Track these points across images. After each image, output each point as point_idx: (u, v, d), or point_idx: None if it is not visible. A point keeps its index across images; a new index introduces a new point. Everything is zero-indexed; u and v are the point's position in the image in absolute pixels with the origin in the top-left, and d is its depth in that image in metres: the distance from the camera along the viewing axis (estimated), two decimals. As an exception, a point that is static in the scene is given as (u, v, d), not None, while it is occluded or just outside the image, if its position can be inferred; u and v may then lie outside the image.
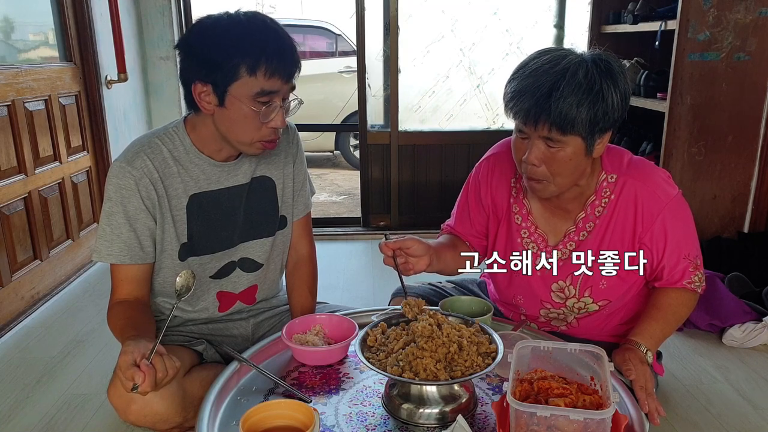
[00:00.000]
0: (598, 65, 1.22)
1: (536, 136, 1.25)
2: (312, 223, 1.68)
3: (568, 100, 1.19)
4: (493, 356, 1.14)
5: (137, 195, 1.34)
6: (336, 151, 6.40)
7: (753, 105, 2.62)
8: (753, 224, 2.74)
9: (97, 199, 3.14)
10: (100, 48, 3.09)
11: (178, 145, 1.39)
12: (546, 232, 1.47)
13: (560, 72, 1.20)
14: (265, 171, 1.51)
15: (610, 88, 1.21)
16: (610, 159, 1.40)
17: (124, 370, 1.08)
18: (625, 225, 1.38)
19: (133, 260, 1.36)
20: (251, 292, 1.56)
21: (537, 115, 1.22)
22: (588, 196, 1.41)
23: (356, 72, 3.53)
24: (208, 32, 1.26)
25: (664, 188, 1.38)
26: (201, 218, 1.42)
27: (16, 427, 1.74)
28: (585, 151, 1.27)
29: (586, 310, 1.47)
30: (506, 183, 1.52)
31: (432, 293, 1.70)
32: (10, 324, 2.37)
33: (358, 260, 3.21)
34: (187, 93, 1.31)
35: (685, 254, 1.39)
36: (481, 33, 3.56)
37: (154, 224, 1.38)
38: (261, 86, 1.25)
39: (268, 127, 1.31)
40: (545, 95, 1.20)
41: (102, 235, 1.35)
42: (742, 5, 2.52)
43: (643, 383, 1.23)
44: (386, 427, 1.13)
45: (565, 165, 1.27)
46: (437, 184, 3.68)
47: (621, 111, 1.25)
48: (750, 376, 1.97)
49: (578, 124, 1.21)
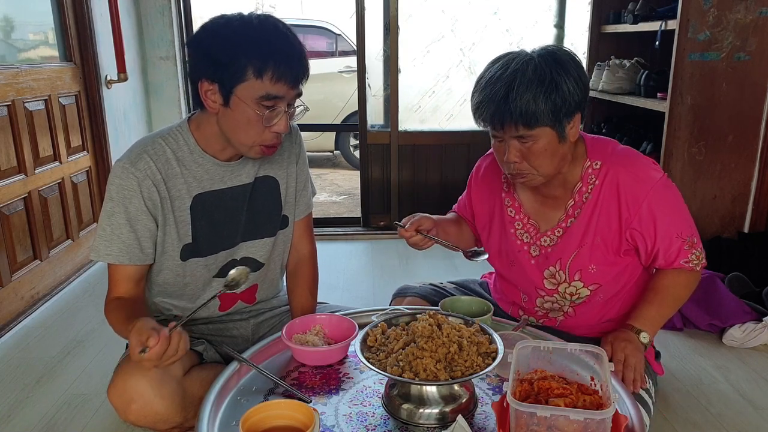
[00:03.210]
0: (544, 58, 1.29)
1: (508, 137, 1.33)
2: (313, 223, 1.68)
3: (525, 97, 1.26)
4: (493, 356, 1.14)
5: (139, 196, 1.34)
6: (336, 151, 6.40)
7: (753, 105, 2.62)
8: (753, 224, 2.73)
9: (96, 199, 3.14)
10: (100, 48, 3.09)
11: (182, 146, 1.39)
12: (538, 221, 1.52)
13: (511, 74, 1.27)
14: (269, 171, 1.51)
15: (562, 76, 1.27)
16: (595, 147, 1.45)
17: (140, 333, 1.10)
18: (611, 209, 1.41)
19: (131, 261, 1.36)
20: (252, 291, 1.57)
21: (501, 119, 1.29)
22: (575, 183, 1.45)
23: (356, 72, 3.54)
24: (220, 31, 1.26)
25: (647, 172, 1.40)
26: (204, 218, 1.42)
27: (16, 427, 1.74)
28: (558, 138, 1.32)
29: (578, 295, 1.49)
30: (498, 179, 1.59)
31: (433, 293, 1.71)
32: (10, 324, 2.37)
33: (358, 260, 3.21)
34: (193, 90, 1.32)
35: (677, 233, 1.41)
36: (481, 33, 3.57)
37: (155, 226, 1.38)
38: (266, 90, 1.25)
39: (270, 132, 1.31)
40: (503, 99, 1.27)
41: (102, 234, 1.35)
42: (742, 5, 2.51)
43: (620, 358, 1.31)
44: (386, 427, 1.13)
45: (542, 156, 1.33)
46: (437, 184, 3.68)
47: (580, 94, 1.31)
48: (750, 376, 1.97)
49: (541, 116, 1.27)
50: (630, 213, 1.39)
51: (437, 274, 2.82)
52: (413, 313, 1.31)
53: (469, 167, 1.73)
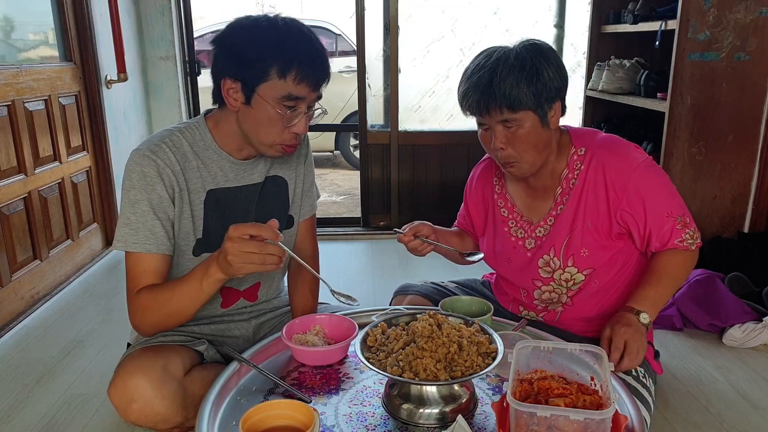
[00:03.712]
0: (526, 48, 1.36)
1: (494, 122, 1.38)
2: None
3: (508, 81, 1.32)
4: (493, 356, 1.14)
5: (161, 184, 1.33)
6: (336, 151, 6.40)
7: (753, 105, 2.62)
8: (753, 224, 2.73)
9: (96, 200, 3.15)
10: (100, 48, 3.09)
11: (198, 140, 1.40)
12: (530, 216, 1.55)
13: (494, 62, 1.35)
14: (278, 170, 1.53)
15: (543, 63, 1.34)
16: (579, 136, 1.50)
17: (260, 228, 1.17)
18: (598, 193, 1.44)
19: (158, 249, 1.34)
20: (254, 289, 1.57)
21: (487, 104, 1.35)
22: (561, 171, 1.48)
23: (356, 72, 3.54)
24: (245, 31, 1.28)
25: (631, 155, 1.44)
26: (216, 214, 1.43)
27: (16, 427, 1.74)
28: (540, 123, 1.38)
29: (573, 281, 1.50)
30: (490, 183, 1.64)
31: (434, 292, 1.72)
32: (10, 324, 2.38)
33: (358, 260, 3.21)
34: (215, 88, 1.33)
35: (668, 213, 1.43)
36: (481, 33, 3.57)
37: (173, 216, 1.37)
38: (289, 90, 1.27)
39: (290, 132, 1.33)
40: (487, 85, 1.34)
41: (127, 223, 1.33)
42: (742, 5, 2.52)
43: (620, 345, 1.31)
44: (386, 427, 1.13)
45: (527, 141, 1.38)
46: (437, 184, 3.68)
47: (559, 80, 1.37)
48: (750, 376, 1.97)
49: (524, 99, 1.33)
50: (617, 195, 1.42)
51: (437, 275, 2.81)
52: (413, 313, 1.31)
53: (469, 167, 1.75)
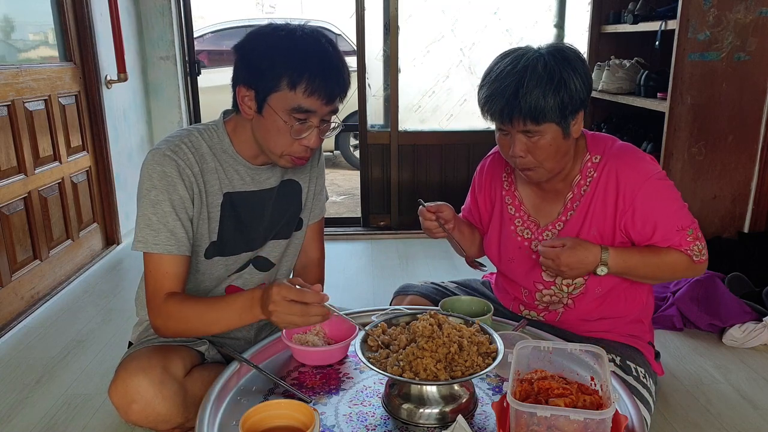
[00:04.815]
0: (554, 56, 1.31)
1: (515, 131, 1.35)
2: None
3: (535, 93, 1.28)
4: (493, 356, 1.14)
5: (182, 183, 1.31)
6: (336, 150, 6.40)
7: (753, 105, 2.62)
8: (753, 224, 2.73)
9: (96, 199, 3.14)
10: (100, 48, 3.09)
11: (216, 143, 1.39)
12: (538, 218, 1.54)
13: (521, 70, 1.30)
14: (293, 175, 1.52)
15: (570, 74, 1.30)
16: (596, 142, 1.47)
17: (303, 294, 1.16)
18: (607, 201, 1.43)
19: (180, 251, 1.32)
20: None
21: (510, 114, 1.31)
22: (574, 177, 1.47)
23: (356, 72, 3.53)
24: (261, 39, 1.26)
25: (645, 166, 1.42)
26: (232, 218, 1.42)
27: (16, 427, 1.74)
28: (562, 134, 1.35)
29: (574, 285, 1.49)
30: (499, 178, 1.61)
31: (435, 292, 1.72)
32: (10, 324, 2.37)
33: (358, 260, 3.21)
34: (233, 94, 1.33)
35: (678, 227, 1.41)
36: (481, 33, 3.57)
37: (193, 215, 1.35)
38: (299, 102, 1.24)
39: (300, 145, 1.31)
40: (513, 94, 1.29)
41: (148, 224, 1.30)
42: (742, 5, 2.52)
43: (552, 256, 1.36)
44: (386, 427, 1.13)
45: (547, 150, 1.36)
46: (437, 184, 3.67)
47: (585, 92, 1.34)
48: (750, 376, 1.97)
49: (549, 113, 1.30)
50: (625, 204, 1.41)
51: (437, 275, 2.82)
52: (413, 313, 1.31)
53: (469, 167, 1.74)
